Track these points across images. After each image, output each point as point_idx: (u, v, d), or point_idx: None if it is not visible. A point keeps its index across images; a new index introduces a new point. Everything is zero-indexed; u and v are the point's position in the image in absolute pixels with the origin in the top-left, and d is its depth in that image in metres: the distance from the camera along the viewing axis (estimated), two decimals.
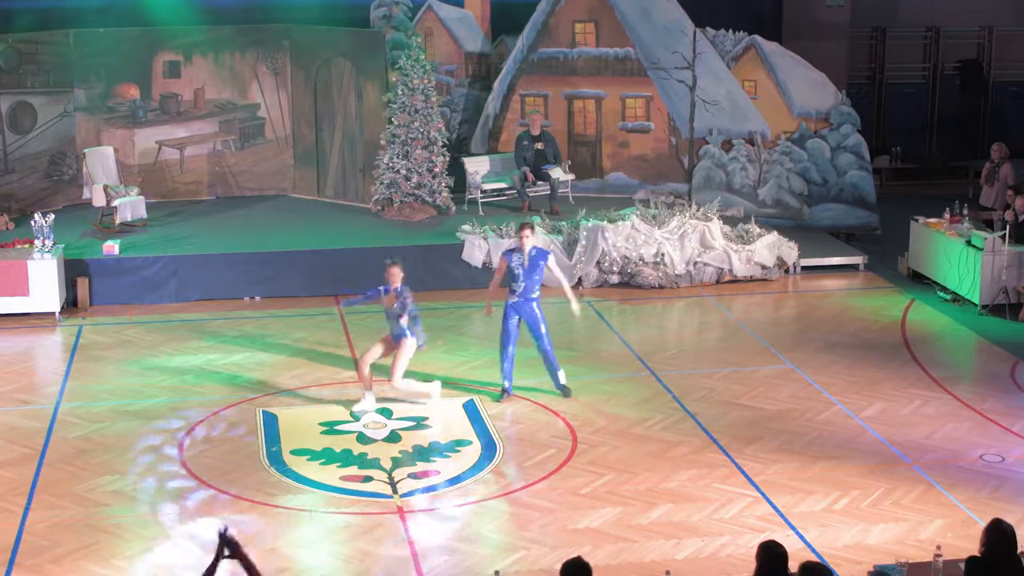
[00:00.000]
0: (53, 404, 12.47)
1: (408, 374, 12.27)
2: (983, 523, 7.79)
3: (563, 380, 12.68)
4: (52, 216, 15.38)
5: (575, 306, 12.69)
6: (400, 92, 17.29)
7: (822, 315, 15.54)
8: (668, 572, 7.89)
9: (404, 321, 11.99)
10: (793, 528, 9.89)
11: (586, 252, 16.32)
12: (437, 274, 16.22)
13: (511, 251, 12.46)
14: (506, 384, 12.55)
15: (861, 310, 15.68)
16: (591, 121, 19.49)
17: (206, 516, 10.14)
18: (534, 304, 12.38)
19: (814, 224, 18.11)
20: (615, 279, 16.39)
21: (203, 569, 6.74)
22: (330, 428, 11.90)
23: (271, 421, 12.06)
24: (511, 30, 19.79)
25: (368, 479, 10.83)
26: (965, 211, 16.19)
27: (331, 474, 10.92)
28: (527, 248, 12.30)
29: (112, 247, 15.82)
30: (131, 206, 16.99)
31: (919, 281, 16.59)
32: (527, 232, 12.32)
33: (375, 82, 18.12)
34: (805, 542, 9.66)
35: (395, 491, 10.62)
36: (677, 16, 18.94)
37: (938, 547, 8.10)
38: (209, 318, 15.23)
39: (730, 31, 18.78)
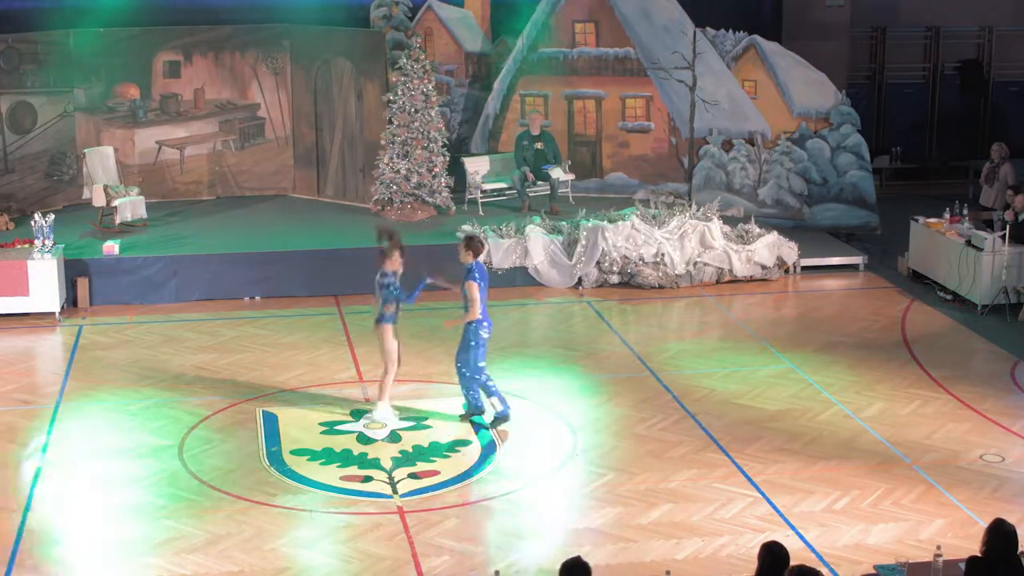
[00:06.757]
0: (53, 404, 12.47)
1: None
2: (983, 523, 7.81)
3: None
4: (52, 216, 15.38)
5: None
6: (400, 92, 17.29)
7: (822, 315, 15.54)
8: (668, 572, 7.88)
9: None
10: (793, 528, 9.90)
11: (586, 252, 16.32)
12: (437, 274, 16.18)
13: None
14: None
15: (861, 310, 15.68)
16: (591, 121, 19.49)
17: (206, 516, 10.15)
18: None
19: (814, 224, 18.11)
20: (615, 279, 16.39)
21: None
22: (330, 428, 11.90)
23: (271, 421, 12.06)
24: (511, 30, 19.78)
25: (368, 479, 10.83)
26: (965, 211, 16.19)
27: (331, 474, 10.92)
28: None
29: (112, 247, 15.82)
30: (131, 206, 16.99)
31: (919, 281, 16.58)
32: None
33: (375, 82, 18.12)
34: (805, 542, 9.66)
35: (395, 491, 10.62)
36: (677, 16, 18.93)
37: (938, 547, 8.10)
38: (209, 318, 15.23)
39: (730, 31, 18.78)
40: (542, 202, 18.04)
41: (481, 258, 11.87)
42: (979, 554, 7.43)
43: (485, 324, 11.77)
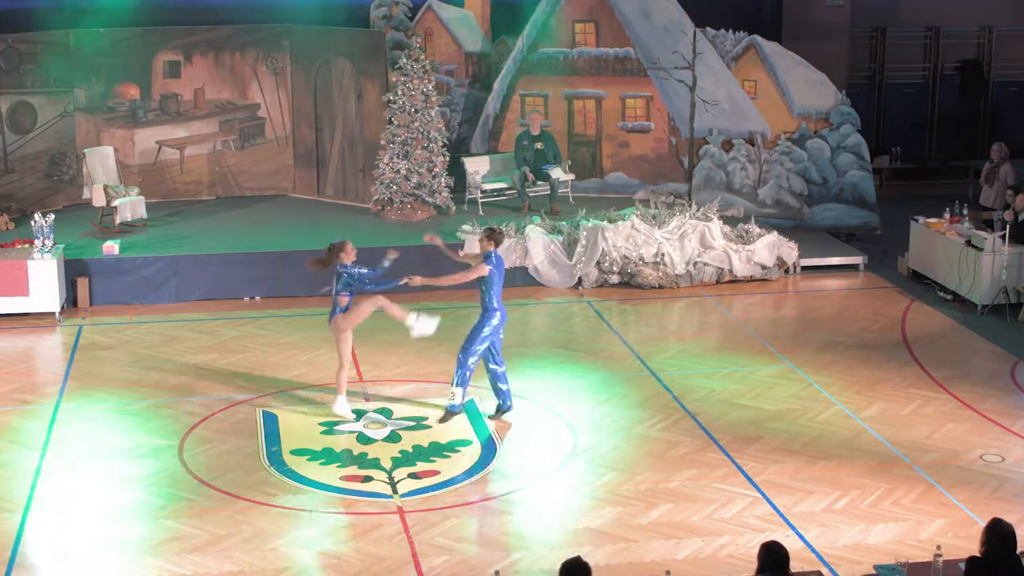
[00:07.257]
0: (53, 404, 12.47)
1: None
2: (983, 523, 7.80)
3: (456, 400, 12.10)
4: (52, 216, 15.38)
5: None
6: (400, 92, 17.29)
7: (822, 315, 15.53)
8: (668, 572, 7.89)
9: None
10: (793, 528, 9.90)
11: (586, 252, 16.32)
12: (437, 274, 16.17)
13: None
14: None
15: (861, 310, 15.68)
16: (591, 121, 19.50)
17: (206, 516, 10.14)
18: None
19: (814, 224, 18.11)
20: (615, 279, 16.39)
21: None
22: (330, 428, 11.90)
23: (271, 421, 12.06)
24: (511, 30, 19.78)
25: (368, 479, 10.83)
26: (965, 211, 16.19)
27: (331, 474, 10.92)
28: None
29: (112, 247, 15.82)
30: (131, 206, 16.99)
31: (919, 281, 16.59)
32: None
33: (375, 82, 18.12)
34: (805, 542, 9.66)
35: (395, 491, 10.62)
36: (677, 16, 18.93)
37: (938, 547, 8.10)
38: (209, 318, 15.23)
39: (730, 31, 18.78)
40: (542, 202, 18.04)
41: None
42: (978, 554, 7.43)
43: (499, 315, 11.81)
